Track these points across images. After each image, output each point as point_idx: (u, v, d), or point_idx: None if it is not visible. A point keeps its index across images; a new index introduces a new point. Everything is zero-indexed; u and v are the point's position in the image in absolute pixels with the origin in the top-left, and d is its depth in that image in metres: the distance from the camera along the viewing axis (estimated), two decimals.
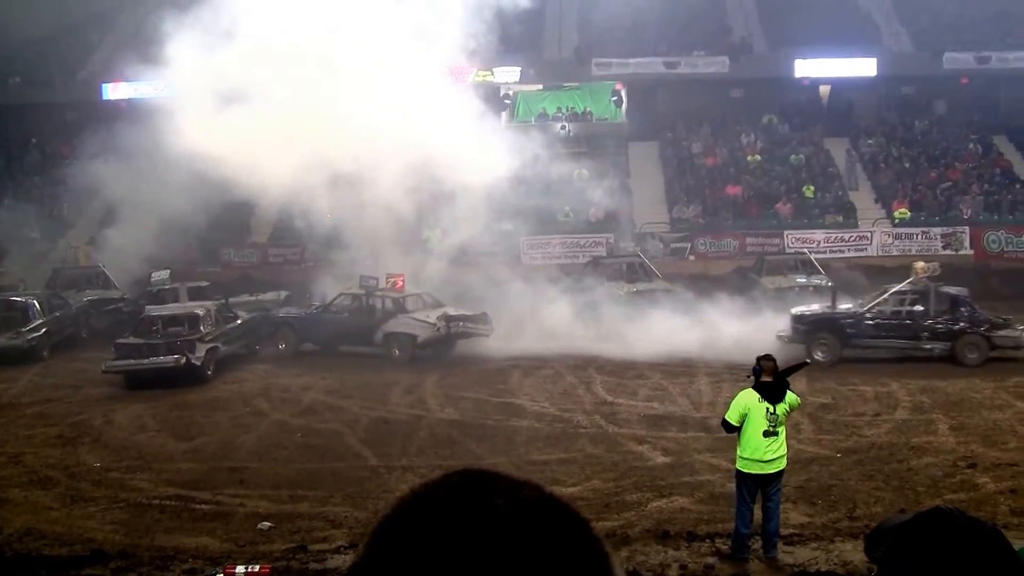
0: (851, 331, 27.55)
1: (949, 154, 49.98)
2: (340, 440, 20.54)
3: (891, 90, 53.80)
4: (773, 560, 13.56)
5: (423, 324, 29.08)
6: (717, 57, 52.60)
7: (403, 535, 1.52)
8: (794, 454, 18.67)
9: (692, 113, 51.28)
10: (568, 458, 18.99)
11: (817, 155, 50.56)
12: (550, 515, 1.56)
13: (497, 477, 1.63)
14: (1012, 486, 16.54)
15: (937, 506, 2.83)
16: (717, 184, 47.65)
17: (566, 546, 1.52)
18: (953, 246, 42.26)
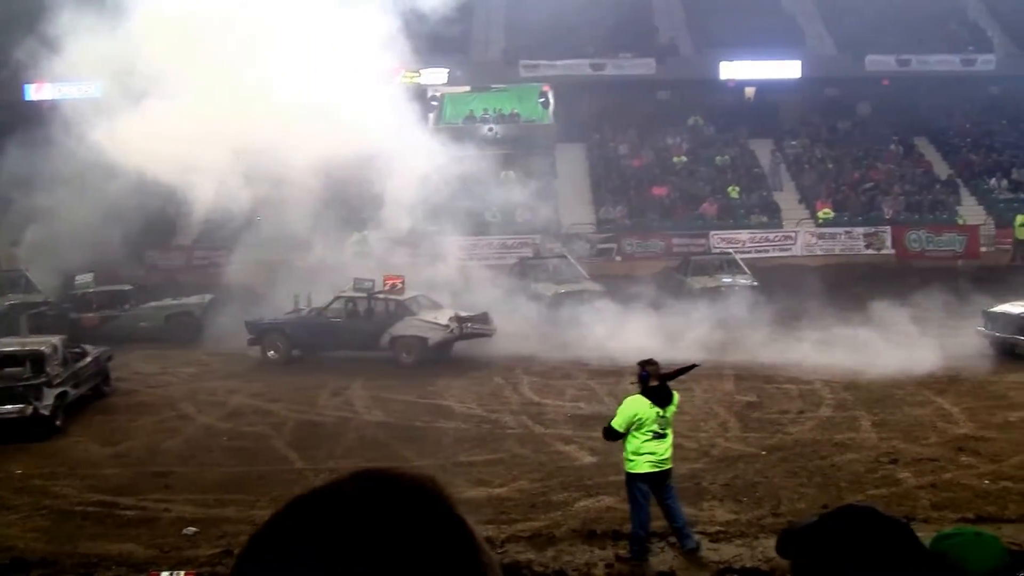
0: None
1: (871, 155, 50.79)
2: (267, 443, 20.36)
3: (815, 92, 54.39)
4: (694, 551, 13.67)
5: (433, 326, 28.48)
6: (644, 59, 53.02)
7: (278, 533, 1.61)
8: (720, 452, 18.97)
9: (618, 115, 51.56)
10: (495, 459, 18.95)
11: (742, 156, 51.10)
12: (420, 509, 1.60)
13: (377, 474, 1.69)
14: (932, 481, 16.72)
15: (848, 503, 2.93)
16: (643, 185, 47.99)
17: (432, 541, 1.57)
18: (875, 246, 42.80)
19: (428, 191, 33.71)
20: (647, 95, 53.34)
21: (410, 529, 1.56)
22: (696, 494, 16.48)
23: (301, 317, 29.67)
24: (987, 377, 24.46)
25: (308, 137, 29.61)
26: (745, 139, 52.66)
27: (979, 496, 15.97)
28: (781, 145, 52.04)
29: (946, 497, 15.95)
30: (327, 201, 33.00)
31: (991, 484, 16.56)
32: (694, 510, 15.62)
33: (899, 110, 53.39)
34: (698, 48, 54.70)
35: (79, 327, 31.28)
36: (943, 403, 22.12)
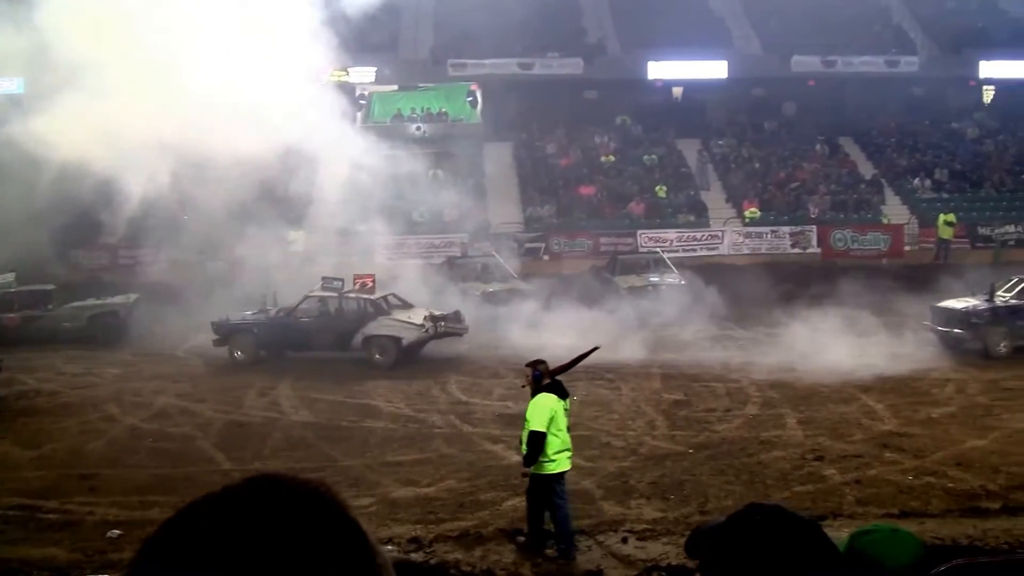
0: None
1: (797, 155, 51.23)
2: (193, 444, 20.09)
3: (742, 92, 54.78)
4: (574, 561, 13.71)
5: (408, 326, 27.97)
6: (571, 59, 53.14)
7: (173, 535, 1.58)
8: (648, 450, 19.03)
9: (546, 114, 51.61)
10: (423, 458, 18.87)
11: (670, 156, 51.32)
12: (314, 515, 1.59)
13: (273, 478, 1.66)
14: (857, 477, 16.93)
15: (753, 502, 2.86)
16: (571, 184, 48.03)
17: (327, 547, 1.56)
18: (801, 245, 43.16)
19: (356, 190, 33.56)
20: (575, 94, 53.51)
21: (303, 532, 1.55)
22: (624, 492, 16.56)
23: (270, 317, 28.92)
24: (911, 374, 24.71)
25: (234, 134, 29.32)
26: (672, 139, 52.89)
27: (903, 492, 16.19)
28: (708, 145, 52.32)
29: (871, 493, 16.15)
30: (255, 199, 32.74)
31: (915, 480, 16.80)
32: (622, 508, 15.72)
33: (824, 110, 53.97)
34: (626, 48, 54.89)
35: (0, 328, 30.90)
36: (868, 400, 22.38)
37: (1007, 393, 23.08)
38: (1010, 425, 20.32)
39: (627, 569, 13.41)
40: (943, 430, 19.95)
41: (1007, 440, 19.24)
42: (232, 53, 28.95)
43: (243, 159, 29.95)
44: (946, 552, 12.33)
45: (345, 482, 17.03)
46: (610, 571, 13.36)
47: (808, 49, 53.82)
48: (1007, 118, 55.19)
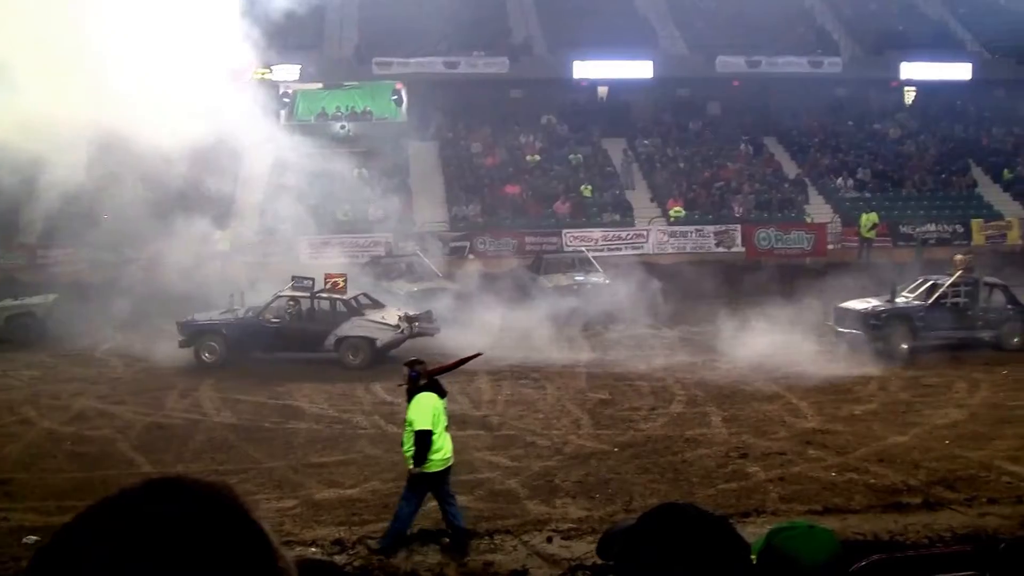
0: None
1: (722, 154, 51.55)
2: (112, 447, 19.73)
3: (667, 91, 55.10)
4: (466, 555, 13.74)
5: (382, 326, 27.56)
6: (497, 58, 53.10)
7: (73, 539, 1.55)
8: (573, 449, 19.03)
9: (472, 113, 51.56)
10: (347, 459, 18.74)
11: (595, 155, 51.41)
12: (216, 516, 1.57)
13: (176, 481, 1.62)
14: (781, 474, 17.04)
15: (665, 502, 2.92)
16: (496, 183, 47.99)
17: (229, 548, 1.54)
18: (726, 244, 43.41)
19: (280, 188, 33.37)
20: (500, 94, 53.53)
21: (202, 535, 1.52)
22: (549, 491, 16.55)
23: (238, 318, 28.25)
24: (834, 372, 24.88)
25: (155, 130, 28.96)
26: (598, 138, 52.98)
27: (826, 488, 16.32)
28: (633, 144, 52.46)
29: (794, 490, 16.26)
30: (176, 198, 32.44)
31: (838, 476, 16.96)
32: (547, 507, 15.69)
33: (749, 110, 54.50)
34: (551, 48, 54.98)
35: None
36: (791, 398, 22.59)
37: (928, 390, 23.39)
38: (931, 421, 20.58)
39: (552, 568, 13.35)
40: (865, 427, 20.17)
41: (928, 436, 19.48)
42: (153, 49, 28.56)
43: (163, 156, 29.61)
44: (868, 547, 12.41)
45: (269, 484, 16.90)
46: (535, 570, 13.29)
47: (733, 50, 54.22)
48: (927, 119, 56.07)
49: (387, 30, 50.76)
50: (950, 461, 17.72)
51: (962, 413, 21.26)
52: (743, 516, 14.46)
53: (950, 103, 57.02)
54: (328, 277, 28.51)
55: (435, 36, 51.52)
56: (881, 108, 56.01)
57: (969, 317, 28.26)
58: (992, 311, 28.50)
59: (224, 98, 30.53)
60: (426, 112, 49.97)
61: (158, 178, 31.44)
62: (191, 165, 31.45)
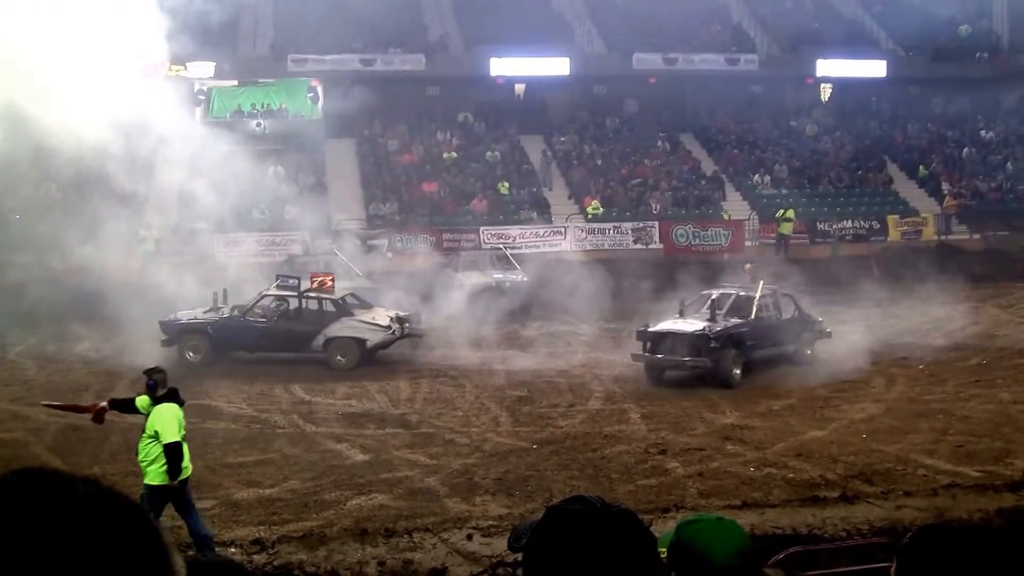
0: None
1: (639, 151, 51.75)
2: (26, 450, 19.55)
3: (584, 89, 55.17)
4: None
5: (372, 327, 27.05)
6: (413, 55, 52.91)
7: None
8: (492, 447, 19.11)
9: (389, 110, 51.29)
10: (266, 459, 18.65)
11: (512, 152, 51.43)
12: (102, 508, 1.52)
13: (51, 474, 1.57)
14: (700, 470, 17.21)
15: (575, 494, 2.94)
16: (413, 181, 47.87)
17: (120, 540, 1.49)
18: (643, 240, 43.63)
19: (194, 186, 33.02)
20: (417, 91, 53.33)
21: (86, 528, 1.47)
22: (468, 489, 16.63)
23: (224, 317, 27.70)
24: None
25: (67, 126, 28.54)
26: (515, 135, 53.01)
27: (745, 483, 16.52)
28: (551, 142, 52.58)
29: (713, 485, 16.45)
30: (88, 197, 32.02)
31: (756, 471, 17.17)
32: (466, 505, 15.74)
33: (666, 108, 54.82)
34: (468, 45, 54.91)
35: None
36: (709, 393, 22.77)
37: (846, 385, 23.65)
38: (848, 416, 20.89)
39: (472, 566, 13.35)
40: (783, 422, 20.45)
41: (846, 431, 19.76)
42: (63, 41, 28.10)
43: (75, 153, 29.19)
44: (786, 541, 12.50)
45: None
46: (455, 568, 13.29)
47: (649, 47, 54.42)
48: (843, 115, 56.67)
49: (302, 27, 50.46)
50: (867, 455, 17.98)
51: (879, 408, 21.62)
52: (663, 511, 14.55)
53: (865, 100, 57.72)
54: (314, 276, 28.17)
55: (351, 33, 51.29)
56: (797, 105, 56.50)
57: (779, 331, 25.93)
58: (792, 323, 26.45)
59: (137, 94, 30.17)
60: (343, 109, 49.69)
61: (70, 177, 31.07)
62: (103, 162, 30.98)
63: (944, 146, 54.40)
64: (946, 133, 55.80)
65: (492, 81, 54.00)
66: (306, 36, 50.67)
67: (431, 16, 57.97)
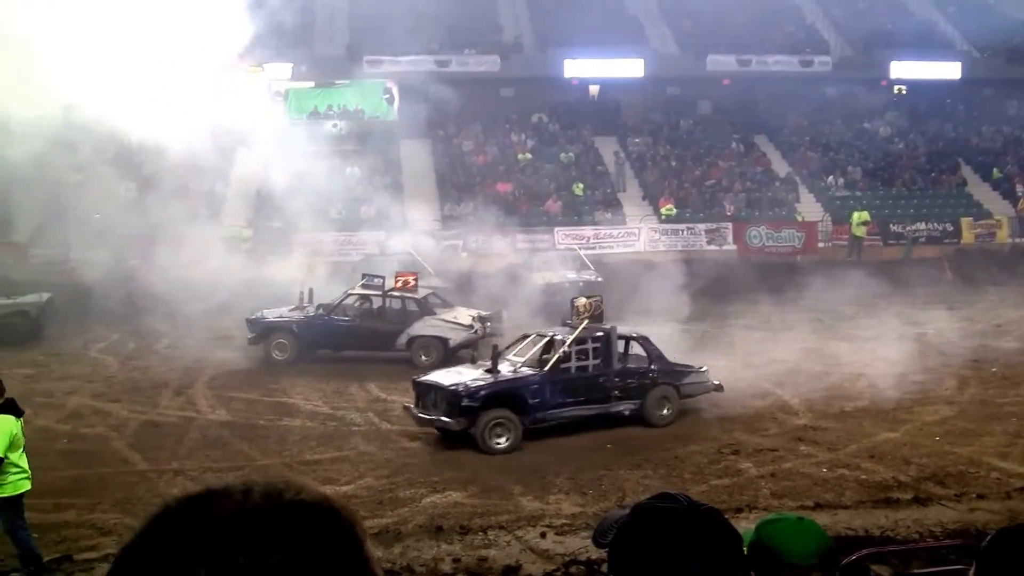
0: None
1: (713, 153, 51.61)
2: (107, 445, 19.79)
3: (657, 90, 55.19)
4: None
5: (454, 326, 27.29)
6: (488, 56, 53.22)
7: (160, 538, 1.51)
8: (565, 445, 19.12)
9: (463, 111, 51.48)
10: (341, 456, 18.84)
11: (586, 153, 51.48)
12: (308, 513, 1.56)
13: (259, 482, 1.61)
14: (772, 470, 17.21)
15: (661, 491, 2.93)
16: (488, 181, 48.01)
17: (324, 543, 1.52)
18: (717, 242, 43.55)
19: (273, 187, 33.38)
20: (491, 92, 53.47)
21: (308, 548, 1.51)
22: (542, 487, 16.67)
23: (309, 316, 27.95)
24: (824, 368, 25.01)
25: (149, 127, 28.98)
26: (589, 136, 53.05)
27: (817, 484, 16.48)
28: (624, 143, 52.58)
29: (786, 486, 16.42)
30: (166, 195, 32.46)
31: (828, 472, 17.12)
32: (540, 503, 15.81)
33: (739, 109, 54.58)
34: (542, 46, 55.05)
35: None
36: (782, 395, 22.65)
37: (917, 387, 23.40)
38: (921, 418, 20.72)
39: (546, 563, 13.41)
40: (856, 423, 20.34)
41: (918, 432, 19.62)
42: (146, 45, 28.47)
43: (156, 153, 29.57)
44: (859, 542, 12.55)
45: None
46: (528, 566, 13.36)
47: (723, 48, 54.36)
48: (917, 117, 56.21)
49: (378, 28, 50.68)
50: (940, 457, 17.86)
51: (951, 410, 21.40)
52: (735, 512, 14.54)
53: (939, 102, 57.13)
54: (399, 275, 28.35)
55: (426, 35, 51.55)
56: (871, 107, 55.93)
57: (600, 386, 20.76)
58: (632, 375, 21.30)
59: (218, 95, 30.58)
60: (417, 110, 49.96)
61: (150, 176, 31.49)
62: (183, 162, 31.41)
63: (1019, 148, 53.81)
64: (1021, 135, 55.24)
65: (566, 82, 54.19)
66: (381, 38, 50.91)
67: (506, 17, 58.18)
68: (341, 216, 42.05)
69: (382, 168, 45.72)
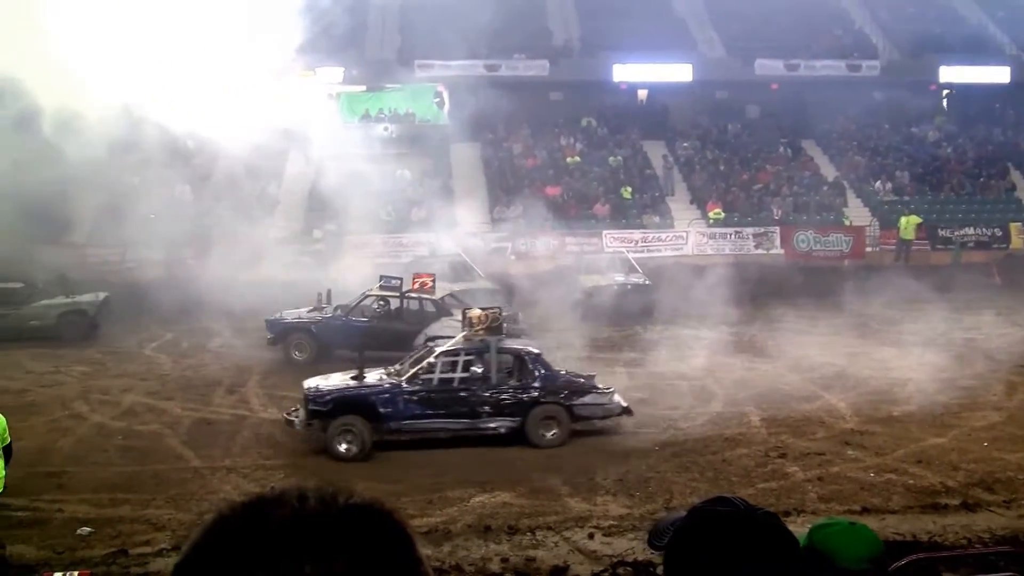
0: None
1: (760, 157, 51.47)
2: (161, 442, 20.13)
3: (705, 94, 55.03)
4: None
5: None
6: (537, 61, 53.41)
7: (219, 542, 1.57)
8: (613, 447, 19.22)
9: (513, 115, 51.62)
10: (391, 457, 19.12)
11: (634, 157, 51.47)
12: (362, 517, 1.61)
13: (313, 486, 1.68)
14: (820, 474, 17.29)
15: (717, 495, 3.03)
16: (537, 185, 48.12)
17: (377, 547, 1.58)
18: (764, 246, 43.52)
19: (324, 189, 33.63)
20: (541, 96, 53.57)
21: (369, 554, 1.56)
22: (589, 488, 16.84)
23: (327, 316, 28.17)
24: (872, 372, 25.00)
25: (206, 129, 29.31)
26: (637, 140, 53.09)
27: (864, 488, 16.56)
28: (672, 146, 52.57)
29: (833, 490, 16.50)
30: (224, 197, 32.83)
31: (876, 477, 17.18)
32: (588, 505, 15.97)
33: (787, 113, 54.39)
34: (591, 50, 55.07)
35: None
36: (830, 398, 22.68)
37: (964, 392, 23.39)
38: (969, 423, 20.71)
39: (593, 564, 13.60)
40: (903, 428, 20.35)
41: (966, 438, 19.63)
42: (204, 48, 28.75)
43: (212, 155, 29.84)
44: (907, 547, 12.66)
45: (311, 480, 17.15)
46: (576, 566, 13.56)
47: (771, 53, 54.23)
48: (965, 122, 55.82)
49: (428, 32, 50.93)
50: (988, 463, 17.88)
51: (1000, 416, 21.40)
52: (783, 515, 14.60)
53: (988, 106, 56.72)
54: (416, 277, 28.49)
55: (476, 39, 51.68)
56: (919, 111, 55.61)
57: (465, 400, 20.11)
58: (508, 392, 20.33)
59: (273, 98, 30.88)
60: (467, 114, 50.14)
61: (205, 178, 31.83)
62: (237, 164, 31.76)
63: None
64: None
65: (615, 86, 54.29)
66: (432, 41, 51.14)
67: (555, 22, 58.32)
68: (391, 218, 42.29)
69: (432, 171, 45.95)
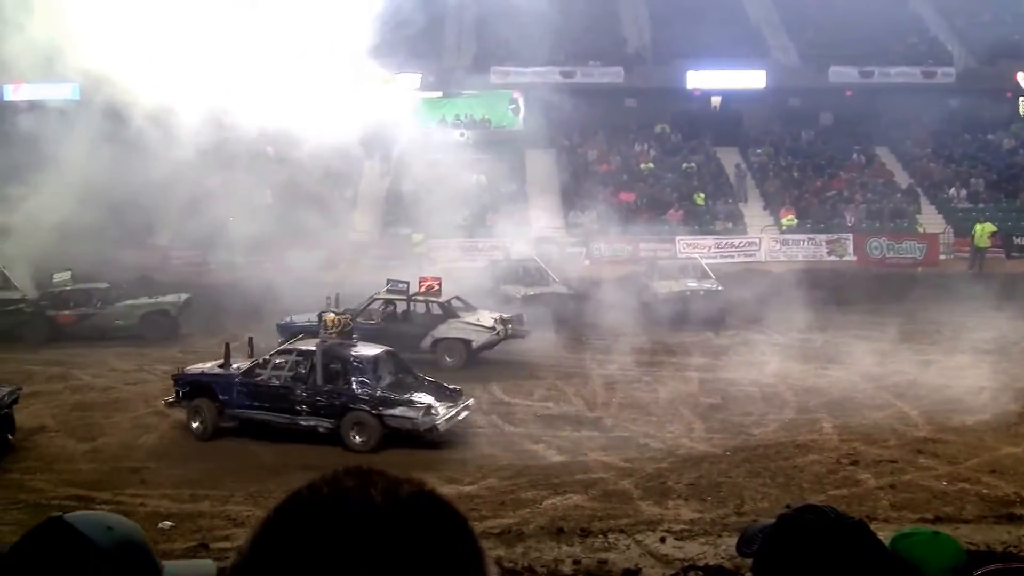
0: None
1: (834, 164, 51.27)
2: (239, 439, 20.67)
3: (779, 101, 54.82)
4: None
5: (477, 329, 28.04)
6: (612, 67, 53.59)
7: (283, 532, 1.58)
8: (685, 452, 19.28)
9: (587, 121, 51.76)
10: (465, 457, 19.28)
11: (708, 163, 51.50)
12: (425, 509, 1.62)
13: (377, 473, 1.68)
14: (892, 482, 17.15)
15: (807, 503, 3.13)
16: (611, 190, 48.24)
17: (439, 539, 1.59)
18: (837, 252, 43.36)
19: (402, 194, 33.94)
20: (615, 102, 53.71)
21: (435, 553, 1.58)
22: (661, 492, 16.88)
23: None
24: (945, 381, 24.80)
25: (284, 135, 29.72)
26: (711, 147, 53.11)
27: (937, 497, 16.39)
28: (746, 153, 52.49)
29: (905, 498, 16.37)
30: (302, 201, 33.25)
31: (949, 485, 16.98)
32: (659, 508, 16.04)
33: (861, 120, 54.03)
34: (665, 58, 55.09)
35: (56, 325, 31.63)
36: (902, 406, 22.53)
37: None
38: None
39: (665, 568, 13.64)
40: (977, 437, 20.09)
41: None
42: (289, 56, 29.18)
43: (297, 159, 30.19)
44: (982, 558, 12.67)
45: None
46: (648, 570, 13.59)
47: (845, 60, 53.94)
48: None
49: (504, 40, 51.20)
50: None
51: None
52: None
53: None
54: (423, 280, 28.87)
55: (552, 46, 51.86)
56: (995, 118, 55.06)
57: (284, 397, 20.92)
58: (324, 395, 20.78)
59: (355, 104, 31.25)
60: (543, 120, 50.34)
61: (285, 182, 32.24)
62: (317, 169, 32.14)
63: None
64: None
65: (688, 93, 54.36)
66: (508, 48, 51.40)
67: (629, 29, 58.41)
68: (467, 223, 42.59)
69: (507, 176, 46.16)
